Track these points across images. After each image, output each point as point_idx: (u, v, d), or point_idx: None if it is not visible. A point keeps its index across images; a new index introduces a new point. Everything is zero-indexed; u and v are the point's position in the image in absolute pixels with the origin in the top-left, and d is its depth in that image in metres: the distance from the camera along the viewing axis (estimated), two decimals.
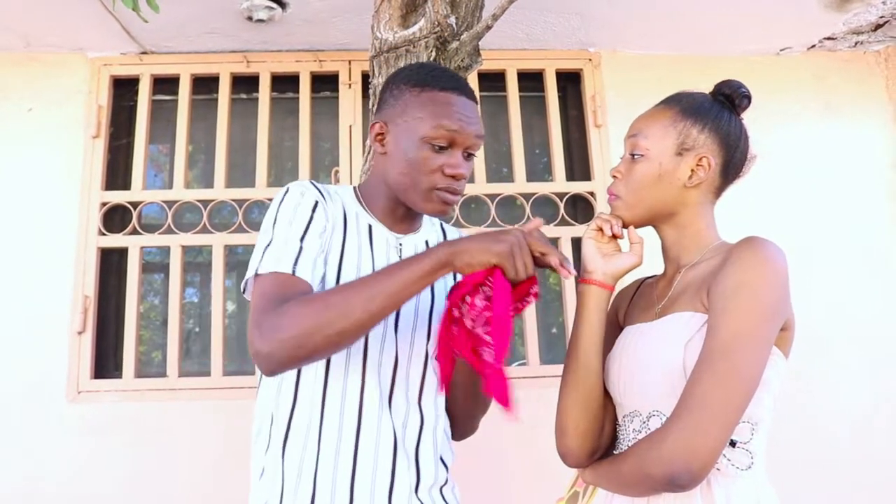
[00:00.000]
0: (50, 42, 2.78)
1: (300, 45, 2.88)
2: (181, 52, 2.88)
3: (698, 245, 1.27)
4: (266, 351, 1.10)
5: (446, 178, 1.27)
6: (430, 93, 1.29)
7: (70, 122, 2.79)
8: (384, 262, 1.31)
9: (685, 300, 1.20)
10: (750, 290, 1.08)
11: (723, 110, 1.30)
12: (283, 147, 2.97)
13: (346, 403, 1.23)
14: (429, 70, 1.35)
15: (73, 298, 2.62)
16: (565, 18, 2.77)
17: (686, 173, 1.25)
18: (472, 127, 1.29)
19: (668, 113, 1.28)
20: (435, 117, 1.26)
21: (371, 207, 1.37)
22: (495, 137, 3.02)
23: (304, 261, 1.19)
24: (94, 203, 2.72)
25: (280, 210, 1.26)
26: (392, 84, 1.36)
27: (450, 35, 1.89)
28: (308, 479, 1.20)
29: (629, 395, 1.23)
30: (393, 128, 1.31)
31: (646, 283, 1.43)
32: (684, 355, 1.12)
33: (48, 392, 2.53)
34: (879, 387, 2.76)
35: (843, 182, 2.97)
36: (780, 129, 3.00)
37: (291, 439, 1.22)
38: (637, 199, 1.26)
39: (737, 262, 1.11)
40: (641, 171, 1.26)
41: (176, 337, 2.63)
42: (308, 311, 1.10)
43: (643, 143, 1.27)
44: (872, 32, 2.94)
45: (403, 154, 1.28)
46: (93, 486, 2.46)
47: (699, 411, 1.03)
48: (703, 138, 1.26)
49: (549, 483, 1.54)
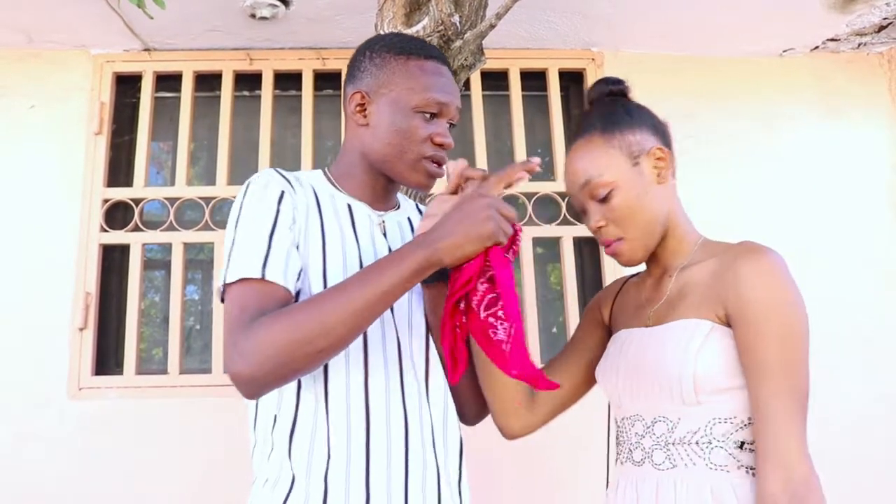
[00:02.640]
0: (53, 38, 2.78)
1: (303, 42, 2.88)
2: (184, 49, 2.88)
3: (684, 245, 1.27)
4: (247, 374, 1.03)
5: (435, 147, 1.24)
6: (418, 61, 1.26)
7: (72, 118, 2.78)
8: (369, 240, 1.26)
9: (687, 306, 1.19)
10: (787, 308, 1.10)
11: (626, 105, 1.30)
12: (285, 145, 2.97)
13: (351, 398, 1.15)
14: (410, 39, 1.32)
15: (74, 295, 2.62)
16: (568, 18, 2.77)
17: (653, 175, 1.24)
18: (456, 99, 1.28)
19: (595, 141, 1.25)
20: (426, 88, 1.24)
21: (347, 187, 1.30)
22: (498, 136, 3.02)
23: (273, 260, 1.12)
24: (95, 200, 2.72)
25: (243, 207, 1.18)
26: (371, 52, 1.30)
27: (453, 34, 1.89)
28: (318, 479, 1.12)
29: (629, 399, 1.23)
30: (376, 98, 1.26)
31: (630, 282, 1.41)
32: (695, 365, 1.11)
33: (49, 388, 2.53)
34: (880, 387, 2.76)
35: (846, 183, 2.97)
36: (783, 131, 3.00)
37: (297, 441, 1.14)
38: (640, 229, 1.23)
39: (757, 277, 1.11)
40: (623, 202, 1.22)
41: (177, 334, 2.63)
42: (285, 328, 1.03)
43: (601, 180, 1.22)
44: (876, 34, 2.94)
45: (390, 124, 1.24)
46: (93, 483, 2.46)
47: (793, 446, 1.06)
48: (640, 136, 1.25)
49: (545, 480, 1.54)
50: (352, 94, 1.29)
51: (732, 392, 1.12)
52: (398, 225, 1.33)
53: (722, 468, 1.11)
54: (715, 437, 1.13)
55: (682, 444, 1.14)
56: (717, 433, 1.13)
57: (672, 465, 1.15)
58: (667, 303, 1.24)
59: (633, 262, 1.26)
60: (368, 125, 1.27)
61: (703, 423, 1.13)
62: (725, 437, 1.12)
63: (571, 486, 2.48)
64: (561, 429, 2.46)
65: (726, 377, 1.12)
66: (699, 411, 1.13)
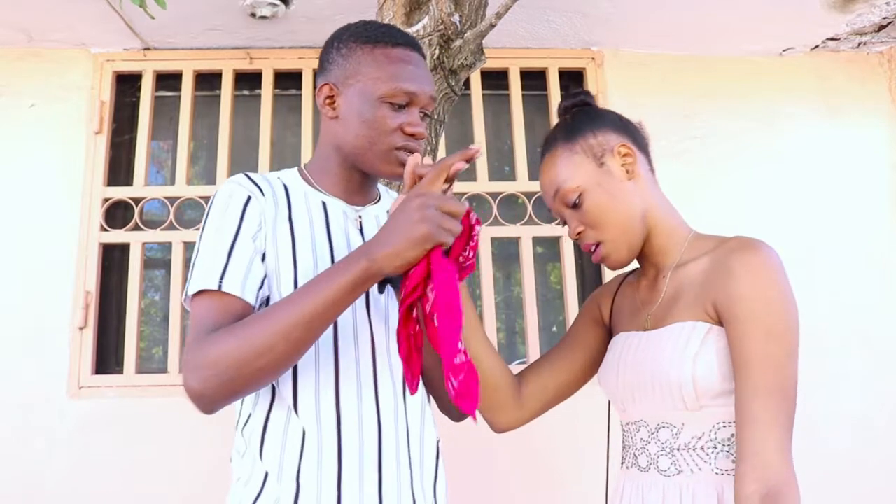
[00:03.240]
0: (53, 38, 2.78)
1: (303, 42, 2.88)
2: (184, 48, 2.88)
3: (673, 242, 1.25)
4: (198, 390, 1.03)
5: (406, 137, 1.21)
6: (384, 49, 1.22)
7: (72, 117, 2.79)
8: (343, 238, 1.23)
9: (682, 308, 1.18)
10: (773, 305, 1.08)
11: (587, 111, 1.31)
12: (285, 144, 2.97)
13: (321, 398, 1.14)
14: (377, 26, 1.27)
15: (74, 294, 2.62)
16: (568, 17, 2.78)
17: (621, 171, 1.23)
18: (428, 86, 1.23)
19: (558, 152, 1.26)
20: (393, 77, 1.20)
21: (322, 183, 1.28)
22: (498, 136, 3.02)
23: (232, 272, 1.11)
24: (95, 199, 2.72)
25: (207, 218, 1.18)
26: (338, 43, 1.27)
27: (453, 33, 1.89)
28: (290, 479, 1.11)
29: (632, 405, 1.22)
30: (344, 89, 1.23)
31: (626, 282, 1.39)
32: (693, 369, 1.10)
33: (49, 387, 2.53)
34: (880, 387, 2.76)
35: (846, 183, 2.97)
36: (783, 130, 3.00)
37: (268, 441, 1.14)
38: (617, 228, 1.22)
39: (747, 274, 1.09)
40: (594, 203, 1.22)
41: (177, 333, 2.63)
42: (231, 345, 1.02)
43: (568, 186, 1.23)
44: (876, 33, 2.94)
45: (358, 115, 1.21)
46: (93, 482, 2.46)
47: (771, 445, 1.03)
48: (602, 137, 1.25)
49: (544, 478, 1.54)
50: (320, 87, 1.27)
51: (734, 395, 1.10)
52: (376, 219, 1.30)
53: (728, 473, 1.10)
54: (720, 441, 1.11)
55: (688, 450, 1.13)
56: (721, 437, 1.11)
57: (678, 470, 1.13)
58: (663, 305, 1.22)
59: (620, 264, 1.25)
60: (338, 117, 1.24)
61: (708, 427, 1.12)
62: (731, 442, 1.11)
63: (573, 486, 2.48)
64: (562, 428, 2.47)
65: (726, 380, 1.10)
66: (703, 416, 1.12)
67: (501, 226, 2.81)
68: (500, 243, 2.89)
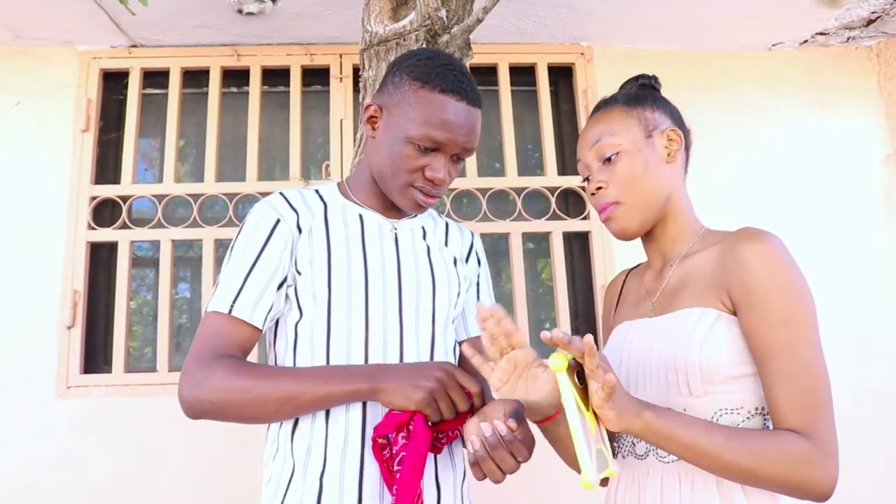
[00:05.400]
0: (38, 35, 2.76)
1: (291, 38, 2.86)
2: (171, 45, 2.86)
3: (685, 232, 1.27)
4: (185, 401, 1.16)
5: (425, 180, 1.25)
6: (429, 93, 1.23)
7: (59, 115, 2.77)
8: (378, 249, 1.29)
9: (690, 295, 1.17)
10: (791, 291, 1.09)
11: (653, 92, 1.34)
12: (273, 141, 2.96)
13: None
14: (437, 64, 1.26)
15: (62, 293, 2.60)
16: (557, 12, 2.77)
17: (663, 151, 1.26)
18: (463, 138, 1.24)
19: (615, 108, 1.29)
20: (425, 122, 1.21)
21: (359, 196, 1.34)
22: (487, 132, 3.02)
23: (244, 298, 1.20)
24: (83, 197, 2.70)
25: (238, 237, 1.27)
26: (397, 69, 1.30)
27: (440, 28, 1.89)
28: (314, 479, 1.18)
29: (633, 391, 1.20)
30: (386, 115, 1.27)
31: (631, 274, 1.40)
32: (700, 354, 1.09)
33: (37, 387, 2.52)
34: (869, 382, 2.76)
35: (835, 177, 2.97)
36: (772, 124, 3.00)
37: (297, 442, 1.21)
38: (639, 196, 1.23)
39: (759, 262, 1.09)
40: (627, 166, 1.23)
41: (166, 332, 2.62)
42: (232, 385, 1.13)
43: (612, 140, 1.25)
44: (864, 28, 2.94)
45: (389, 146, 1.25)
46: (82, 482, 2.45)
47: (824, 427, 1.03)
48: (658, 115, 1.28)
49: (547, 474, 1.53)
50: (367, 105, 1.31)
51: (739, 381, 1.10)
52: (411, 233, 1.35)
53: None
54: None
55: None
56: (724, 424, 1.09)
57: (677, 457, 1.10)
58: (668, 292, 1.22)
59: (625, 232, 1.25)
60: (375, 139, 1.30)
61: (710, 413, 1.10)
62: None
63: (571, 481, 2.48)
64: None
65: (733, 366, 1.09)
66: (706, 402, 1.10)
67: (491, 221, 2.80)
68: (490, 239, 2.88)
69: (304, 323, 1.24)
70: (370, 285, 1.25)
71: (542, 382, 1.10)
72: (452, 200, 2.83)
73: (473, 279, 1.44)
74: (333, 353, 1.21)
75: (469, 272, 1.42)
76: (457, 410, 1.12)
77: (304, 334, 1.24)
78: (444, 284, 1.33)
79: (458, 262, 1.39)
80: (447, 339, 1.33)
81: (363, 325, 1.23)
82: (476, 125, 1.28)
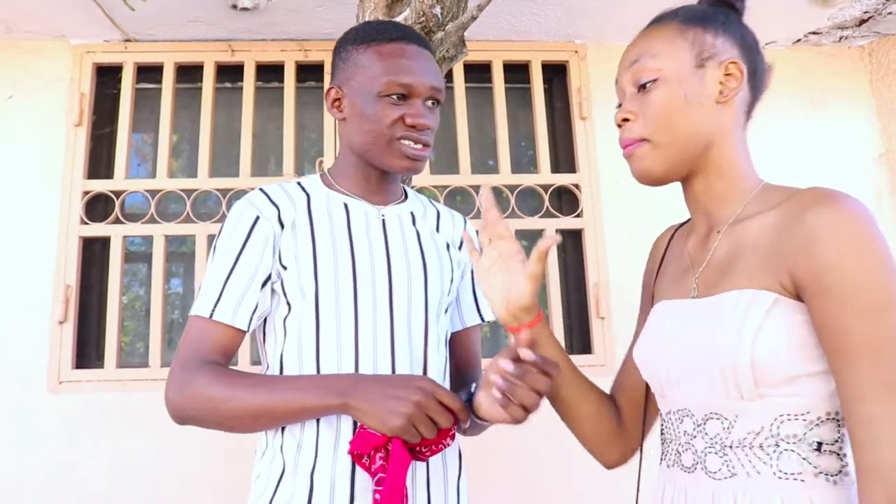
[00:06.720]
0: (31, 28, 2.75)
1: (285, 34, 2.86)
2: (165, 40, 2.85)
3: (736, 191, 1.03)
4: (170, 405, 1.16)
5: (407, 128, 1.23)
6: (377, 46, 1.25)
7: (52, 109, 2.76)
8: (365, 237, 1.27)
9: (741, 272, 0.95)
10: (879, 273, 0.84)
11: (728, 12, 1.07)
12: (267, 137, 2.95)
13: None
14: (373, 25, 1.30)
15: (54, 288, 2.60)
16: (551, 10, 2.77)
17: (715, 88, 1.01)
18: (428, 77, 1.24)
19: (669, 26, 1.05)
20: (386, 72, 1.22)
21: (343, 185, 1.33)
22: (480, 129, 3.02)
23: (225, 301, 1.19)
24: (76, 192, 2.70)
25: (218, 238, 1.26)
26: (340, 47, 1.31)
27: (435, 25, 1.89)
28: (304, 477, 1.16)
29: (674, 391, 1.02)
30: (347, 90, 1.27)
31: (678, 233, 1.17)
32: (753, 350, 0.88)
33: (29, 382, 2.52)
34: None
35: (828, 176, 2.98)
36: (765, 124, 2.99)
37: (287, 439, 1.19)
38: (670, 135, 1.00)
39: (835, 234, 0.86)
40: (662, 97, 1.00)
41: (158, 327, 2.62)
42: (213, 394, 1.13)
43: (652, 63, 1.02)
44: (857, 27, 2.95)
45: (361, 113, 1.25)
46: (74, 477, 2.45)
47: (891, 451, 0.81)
48: (721, 43, 1.02)
49: (546, 476, 1.54)
50: (327, 91, 1.32)
51: (804, 381, 0.89)
52: (399, 219, 1.33)
53: (794, 477, 0.89)
54: (783, 438, 0.90)
55: (743, 448, 0.92)
56: (785, 433, 0.90)
57: (731, 473, 0.93)
58: (715, 267, 1.00)
59: (647, 175, 1.03)
60: (346, 119, 1.30)
61: (768, 421, 0.91)
62: (797, 439, 0.89)
63: (572, 481, 2.49)
64: None
65: (796, 363, 0.89)
66: (761, 406, 0.91)
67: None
68: None
69: (292, 317, 1.22)
70: (358, 274, 1.23)
71: (518, 277, 1.07)
72: (446, 197, 2.83)
73: (467, 266, 1.43)
74: (323, 347, 1.20)
75: (462, 258, 1.41)
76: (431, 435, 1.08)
77: (292, 329, 1.22)
78: (435, 271, 1.30)
79: (451, 248, 1.38)
80: (440, 327, 1.30)
81: (352, 317, 1.21)
82: (434, 66, 1.28)
